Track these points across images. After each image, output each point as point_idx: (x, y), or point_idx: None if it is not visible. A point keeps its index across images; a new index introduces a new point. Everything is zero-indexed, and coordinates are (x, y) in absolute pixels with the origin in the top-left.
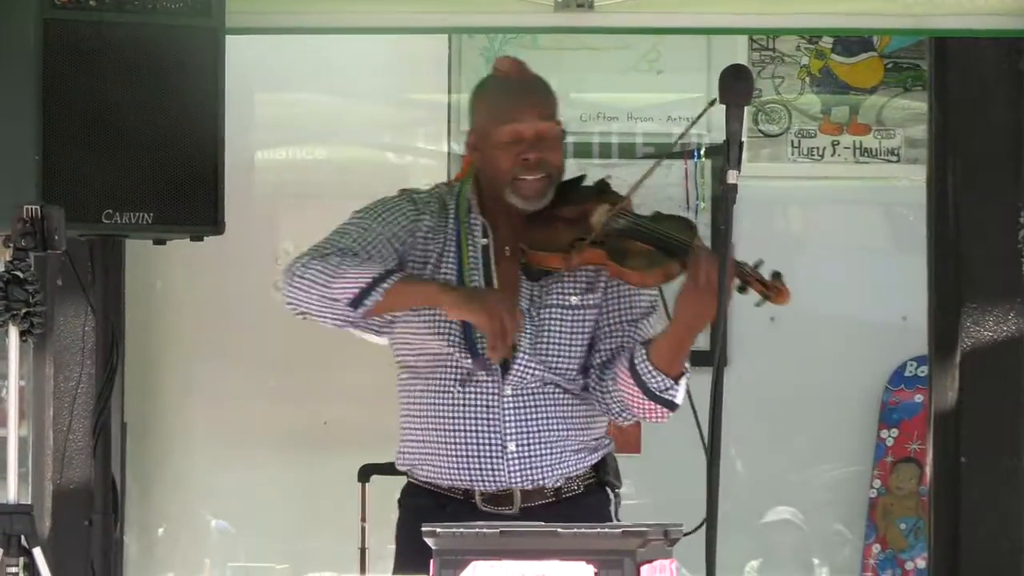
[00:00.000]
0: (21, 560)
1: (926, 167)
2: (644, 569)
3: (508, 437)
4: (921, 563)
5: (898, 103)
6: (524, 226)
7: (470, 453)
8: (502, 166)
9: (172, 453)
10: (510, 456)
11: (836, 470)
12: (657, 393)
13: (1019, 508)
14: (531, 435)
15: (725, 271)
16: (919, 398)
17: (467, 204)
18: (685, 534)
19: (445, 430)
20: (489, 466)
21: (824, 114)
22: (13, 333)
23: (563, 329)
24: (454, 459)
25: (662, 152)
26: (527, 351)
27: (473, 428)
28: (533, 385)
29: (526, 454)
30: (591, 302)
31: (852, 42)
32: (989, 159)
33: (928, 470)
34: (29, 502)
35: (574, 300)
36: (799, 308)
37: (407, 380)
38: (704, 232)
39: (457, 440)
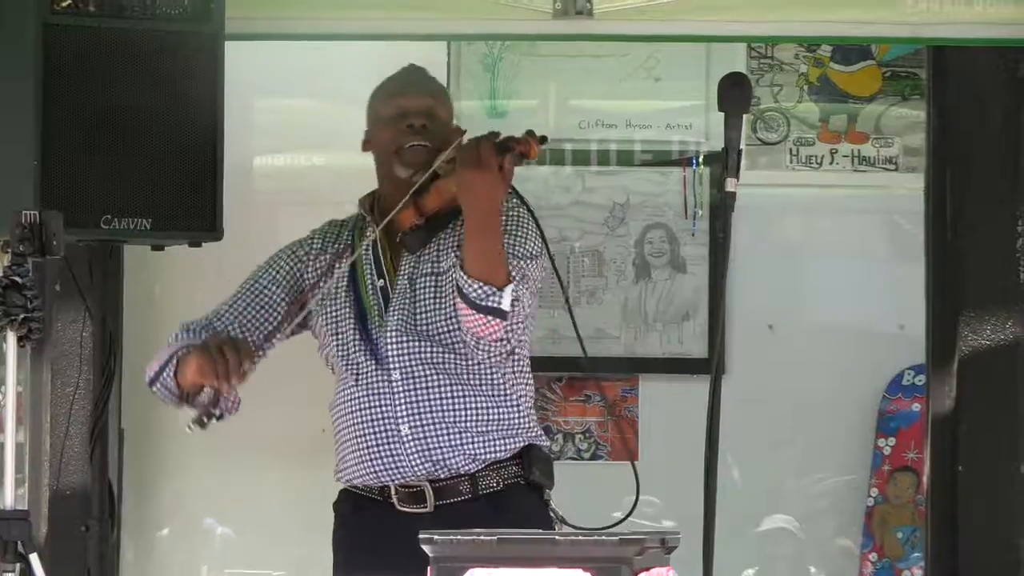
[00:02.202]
0: (18, 566)
1: (924, 176)
2: None
3: (401, 420)
4: (918, 572)
5: (896, 112)
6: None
7: (370, 443)
8: (388, 138)
9: (169, 459)
10: (405, 439)
11: (833, 478)
12: (479, 302)
13: (1016, 517)
14: (423, 416)
15: (724, 278)
16: (917, 407)
17: (359, 212)
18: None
19: (350, 426)
20: (388, 452)
21: (822, 122)
22: (11, 339)
23: (436, 294)
24: (360, 453)
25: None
26: (395, 328)
27: (369, 418)
28: (420, 366)
29: (421, 435)
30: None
31: (850, 51)
32: (987, 168)
33: (925, 479)
34: (26, 508)
35: (444, 264)
36: (797, 316)
37: (334, 394)
38: (702, 239)
39: (359, 433)
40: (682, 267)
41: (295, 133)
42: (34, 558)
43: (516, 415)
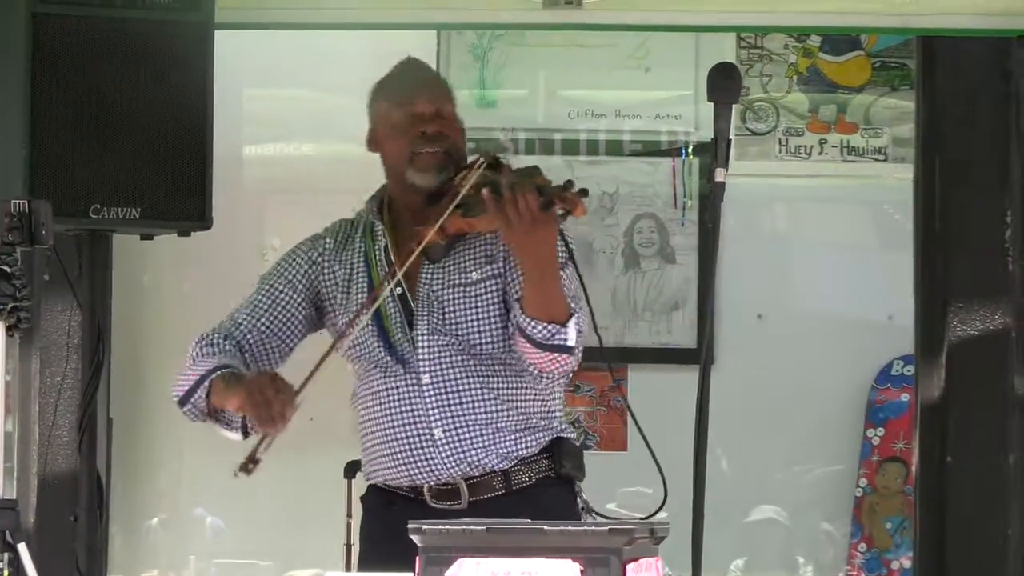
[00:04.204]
0: (6, 555)
1: (913, 166)
2: (630, 567)
3: (434, 424)
4: (907, 563)
5: (885, 102)
6: (423, 211)
7: (402, 447)
8: (401, 146)
9: (158, 448)
10: (439, 443)
11: (822, 469)
12: (544, 342)
13: (1004, 508)
14: (456, 419)
15: (714, 268)
16: (905, 397)
17: (368, 216)
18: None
19: (381, 429)
20: (422, 456)
21: (812, 112)
22: None
23: (467, 306)
24: (392, 456)
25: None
26: (426, 333)
27: (400, 422)
28: (451, 369)
29: (455, 438)
30: (491, 273)
31: (840, 41)
32: (976, 158)
33: (914, 469)
34: (14, 497)
35: (474, 276)
36: (786, 306)
37: (357, 388)
38: (692, 229)
39: (389, 436)
40: (671, 257)
41: (284, 122)
42: (22, 548)
43: (546, 411)
